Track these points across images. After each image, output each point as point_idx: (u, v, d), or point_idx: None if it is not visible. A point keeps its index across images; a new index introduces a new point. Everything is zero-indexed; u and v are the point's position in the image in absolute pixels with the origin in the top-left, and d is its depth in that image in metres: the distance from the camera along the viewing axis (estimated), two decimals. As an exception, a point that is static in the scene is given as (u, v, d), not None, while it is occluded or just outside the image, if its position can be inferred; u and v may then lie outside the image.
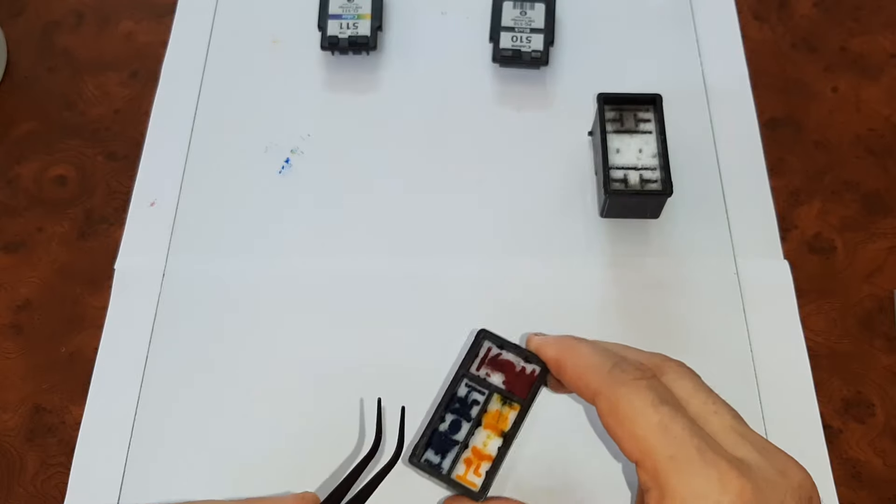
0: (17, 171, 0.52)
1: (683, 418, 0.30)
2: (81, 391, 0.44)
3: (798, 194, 0.50)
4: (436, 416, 0.36)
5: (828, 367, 0.45)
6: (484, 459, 0.35)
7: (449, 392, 0.36)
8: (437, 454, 0.35)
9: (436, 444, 0.36)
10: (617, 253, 0.47)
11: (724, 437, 0.30)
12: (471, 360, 0.37)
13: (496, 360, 0.37)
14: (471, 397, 0.36)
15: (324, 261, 0.47)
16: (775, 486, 0.29)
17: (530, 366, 0.37)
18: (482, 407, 0.36)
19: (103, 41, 0.56)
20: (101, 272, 0.48)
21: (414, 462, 0.35)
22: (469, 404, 0.36)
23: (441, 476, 0.35)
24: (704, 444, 0.29)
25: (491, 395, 0.36)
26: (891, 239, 0.48)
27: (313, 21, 0.52)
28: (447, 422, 0.36)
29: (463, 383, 0.37)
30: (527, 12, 0.51)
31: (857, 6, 0.56)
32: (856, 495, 0.42)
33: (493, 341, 0.37)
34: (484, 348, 0.37)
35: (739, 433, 0.31)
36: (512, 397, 0.36)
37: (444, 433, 0.36)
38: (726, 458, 0.29)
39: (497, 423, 0.36)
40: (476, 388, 0.36)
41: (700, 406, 0.32)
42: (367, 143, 0.51)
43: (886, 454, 0.43)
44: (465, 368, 0.37)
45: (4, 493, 0.43)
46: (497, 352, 0.37)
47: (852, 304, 0.47)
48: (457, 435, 0.36)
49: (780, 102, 0.53)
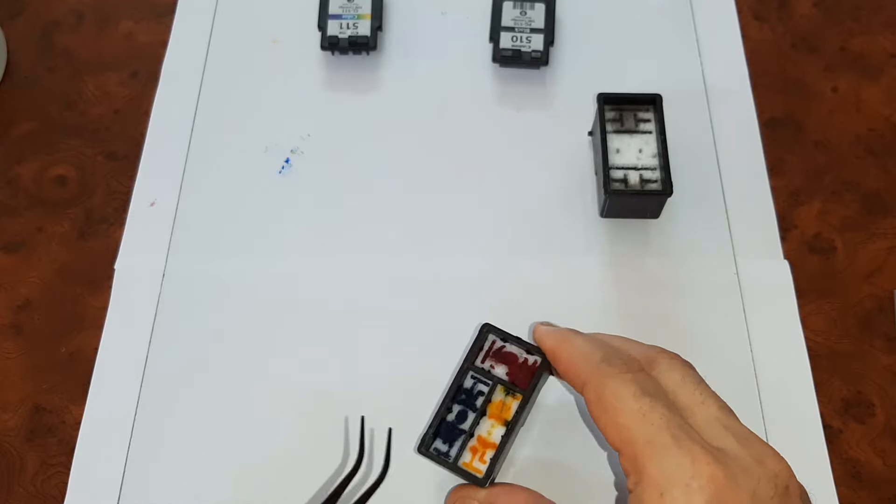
0: (17, 171, 0.52)
1: (663, 408, 0.31)
2: (81, 391, 0.44)
3: (798, 194, 0.50)
4: (443, 406, 0.38)
5: (828, 367, 0.45)
6: (488, 447, 0.37)
7: (455, 383, 0.38)
8: (444, 443, 0.37)
9: (444, 433, 0.37)
10: (617, 253, 0.47)
11: (708, 428, 0.31)
12: (476, 353, 0.39)
13: (500, 352, 0.39)
14: (476, 388, 0.38)
15: (324, 261, 0.47)
16: (750, 473, 0.30)
17: (532, 357, 0.38)
18: (486, 397, 0.38)
19: (103, 41, 0.56)
20: (101, 272, 0.48)
21: (423, 451, 0.37)
22: (474, 395, 0.38)
23: (448, 464, 0.37)
24: (681, 431, 0.30)
25: (495, 387, 0.38)
26: (891, 239, 0.48)
27: (313, 21, 0.52)
28: (454, 412, 0.38)
29: (468, 375, 0.38)
30: (527, 12, 0.51)
31: (857, 6, 0.56)
32: (856, 495, 0.42)
33: (497, 335, 0.39)
34: (488, 341, 0.39)
35: (724, 424, 0.31)
36: (514, 388, 0.38)
37: (451, 423, 0.37)
38: (701, 445, 0.30)
39: (500, 413, 0.37)
40: (481, 380, 0.38)
41: (688, 397, 0.33)
42: (367, 143, 0.51)
43: (886, 454, 0.43)
44: (470, 361, 0.38)
45: (4, 493, 0.43)
46: (501, 344, 0.39)
47: (852, 304, 0.47)
48: (463, 424, 0.37)
49: (780, 102, 0.53)
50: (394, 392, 0.43)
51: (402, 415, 0.42)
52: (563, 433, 0.42)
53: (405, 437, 0.41)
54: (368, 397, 0.43)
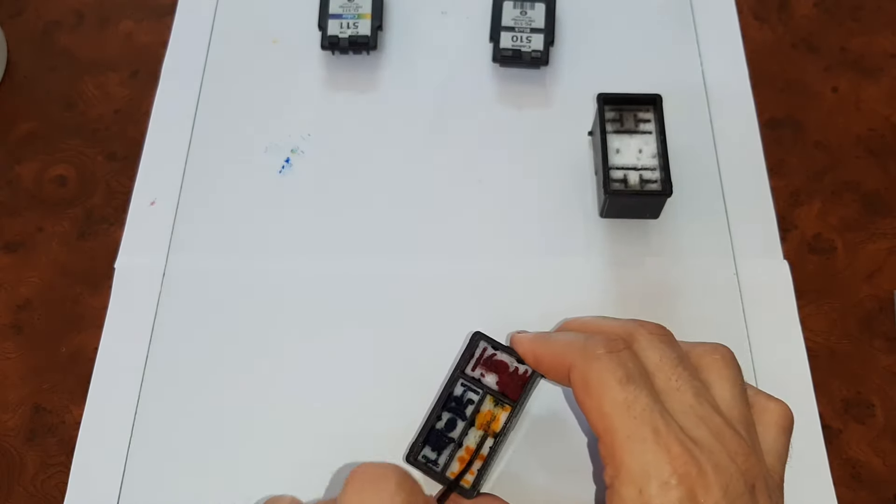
0: (18, 171, 0.52)
1: (647, 397, 0.31)
2: (81, 391, 0.44)
3: (798, 194, 0.50)
4: (433, 414, 0.37)
5: (827, 368, 0.45)
6: (476, 459, 0.36)
7: (445, 391, 0.38)
8: (433, 451, 0.37)
9: (433, 441, 0.37)
10: (617, 253, 0.47)
11: (683, 417, 0.31)
12: (466, 361, 0.38)
13: (490, 360, 0.38)
14: (466, 396, 0.38)
15: (324, 260, 0.47)
16: (723, 470, 0.30)
17: (523, 366, 0.38)
18: (475, 407, 0.37)
19: (103, 41, 0.56)
20: (101, 272, 0.48)
21: (411, 460, 0.36)
22: (464, 403, 0.37)
23: (436, 474, 0.36)
24: (662, 424, 0.30)
25: (484, 397, 0.37)
26: (891, 239, 0.48)
27: (313, 21, 0.52)
28: (443, 420, 0.37)
29: (459, 383, 0.38)
30: (527, 12, 0.51)
31: (858, 6, 0.56)
32: (855, 496, 0.42)
33: (488, 342, 0.39)
34: (479, 349, 0.38)
35: (698, 414, 0.32)
36: (504, 398, 0.37)
37: (440, 431, 0.37)
38: (679, 441, 0.30)
39: (489, 424, 0.37)
40: (471, 388, 0.38)
41: (664, 381, 0.33)
42: (368, 143, 0.51)
43: (886, 454, 0.43)
44: (460, 369, 0.38)
45: (4, 493, 0.43)
46: (492, 352, 0.38)
47: (852, 305, 0.47)
48: (452, 433, 0.37)
49: (780, 102, 0.53)
50: (394, 391, 0.43)
51: (396, 418, 0.42)
52: (545, 442, 0.42)
53: (396, 444, 0.40)
54: (368, 395, 0.43)
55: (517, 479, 0.40)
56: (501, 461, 0.40)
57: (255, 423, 0.43)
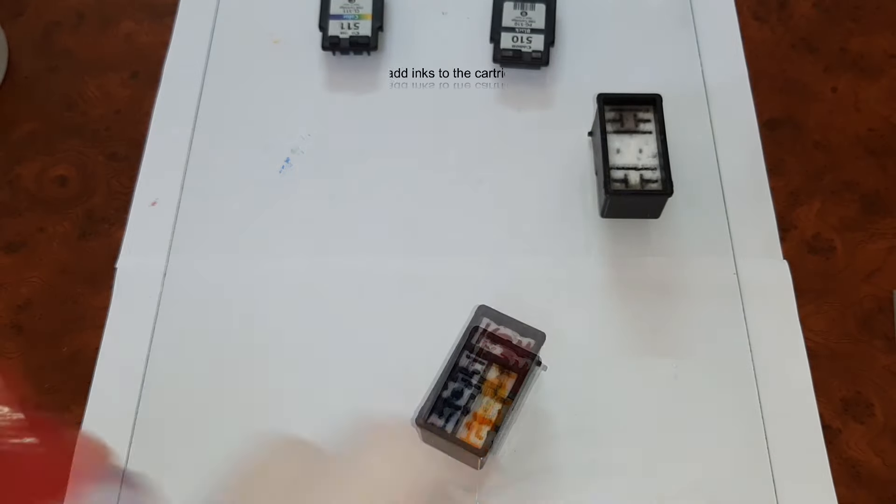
0: (18, 171, 0.52)
1: None
2: (81, 391, 0.44)
3: (798, 194, 0.50)
4: (440, 383, 0.39)
5: (827, 367, 0.45)
6: (484, 423, 0.38)
7: (451, 362, 0.39)
8: (440, 418, 0.38)
9: (440, 409, 0.38)
10: (617, 253, 0.47)
11: None
12: (472, 333, 0.40)
13: (495, 333, 0.40)
14: (472, 367, 0.39)
15: (323, 259, 0.47)
16: None
17: (526, 339, 0.40)
18: (482, 376, 0.39)
19: (104, 42, 0.56)
20: (101, 272, 0.48)
21: (420, 423, 0.38)
22: (470, 373, 0.39)
23: (446, 436, 0.38)
24: None
25: (490, 365, 0.39)
26: (890, 239, 0.49)
27: (314, 21, 0.53)
28: (450, 389, 0.39)
29: (464, 354, 0.39)
30: (527, 13, 0.51)
31: (857, 7, 0.56)
32: (855, 495, 0.42)
33: (492, 317, 0.40)
34: (483, 322, 0.40)
35: None
36: (509, 366, 0.39)
37: (447, 399, 0.39)
38: None
39: (496, 390, 0.39)
40: (476, 359, 0.39)
41: None
42: (368, 143, 0.51)
43: (886, 454, 0.43)
44: (466, 340, 0.40)
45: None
46: (496, 326, 0.40)
47: (852, 305, 0.47)
48: (459, 401, 0.39)
49: (780, 102, 0.53)
50: (393, 391, 0.43)
51: (402, 405, 0.42)
52: (548, 435, 0.42)
53: (396, 443, 0.41)
54: (368, 395, 0.43)
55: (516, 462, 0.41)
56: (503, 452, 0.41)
57: (255, 422, 0.43)
